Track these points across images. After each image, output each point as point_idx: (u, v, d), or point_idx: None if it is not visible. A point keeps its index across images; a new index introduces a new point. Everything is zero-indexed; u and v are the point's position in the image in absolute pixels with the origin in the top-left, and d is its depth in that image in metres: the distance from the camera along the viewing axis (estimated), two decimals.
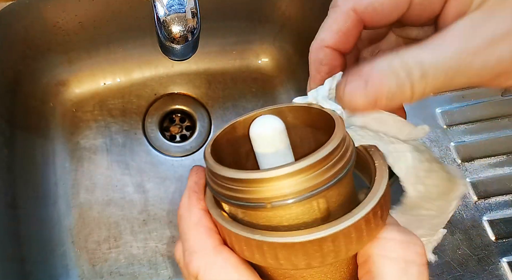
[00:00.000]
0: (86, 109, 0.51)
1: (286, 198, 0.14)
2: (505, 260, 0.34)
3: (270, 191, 0.14)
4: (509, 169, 0.36)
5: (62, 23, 0.46)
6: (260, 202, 0.14)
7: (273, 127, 0.17)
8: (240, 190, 0.15)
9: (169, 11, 0.29)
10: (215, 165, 0.16)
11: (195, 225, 0.17)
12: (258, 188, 0.14)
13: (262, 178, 0.14)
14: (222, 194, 0.16)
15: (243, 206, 0.15)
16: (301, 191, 0.14)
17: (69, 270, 0.45)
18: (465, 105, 0.39)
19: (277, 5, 0.49)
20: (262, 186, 0.14)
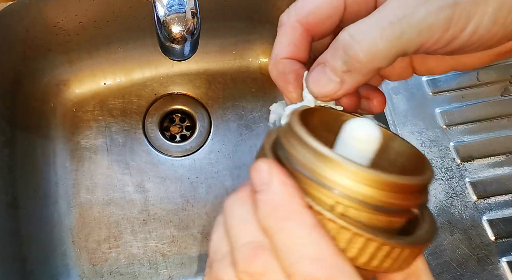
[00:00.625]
0: (86, 109, 0.52)
1: (402, 208, 0.15)
2: (504, 260, 0.34)
3: (408, 198, 0.15)
4: (509, 169, 0.37)
5: (62, 23, 0.46)
6: (403, 208, 0.15)
7: (377, 135, 0.16)
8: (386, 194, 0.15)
9: (169, 11, 0.30)
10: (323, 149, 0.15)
11: (313, 227, 0.14)
12: (401, 194, 0.15)
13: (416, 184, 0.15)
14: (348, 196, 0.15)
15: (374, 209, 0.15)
16: (417, 204, 0.16)
17: (69, 269, 0.45)
18: (465, 105, 0.39)
19: (277, 5, 0.49)
20: (406, 192, 0.15)
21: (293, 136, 0.16)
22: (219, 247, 0.16)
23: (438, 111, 0.38)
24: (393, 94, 0.38)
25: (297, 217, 0.14)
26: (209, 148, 0.51)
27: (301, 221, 0.14)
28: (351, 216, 0.15)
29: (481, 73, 0.40)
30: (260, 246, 0.15)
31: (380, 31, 0.15)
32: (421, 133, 0.37)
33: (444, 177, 0.36)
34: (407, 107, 0.38)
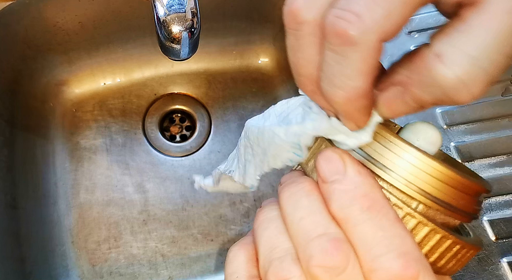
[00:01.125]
0: (86, 109, 0.51)
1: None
2: (505, 260, 0.34)
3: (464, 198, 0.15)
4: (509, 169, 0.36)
5: (62, 23, 0.46)
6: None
7: (439, 136, 0.16)
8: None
9: (169, 11, 0.29)
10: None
11: (396, 220, 0.14)
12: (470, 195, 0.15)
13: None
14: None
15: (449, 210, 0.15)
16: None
17: (69, 270, 0.45)
18: (465, 105, 0.39)
19: (277, 5, 0.49)
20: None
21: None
22: (277, 244, 0.15)
23: (439, 111, 0.38)
24: None
25: (381, 209, 0.14)
26: (209, 148, 0.51)
27: (385, 213, 0.13)
28: (425, 212, 0.15)
29: None
30: (338, 238, 0.13)
31: (496, 27, 0.12)
32: None
33: None
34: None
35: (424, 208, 0.15)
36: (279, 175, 0.50)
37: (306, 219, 0.14)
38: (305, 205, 0.14)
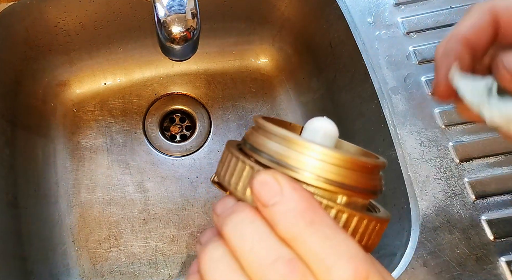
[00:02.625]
0: (87, 109, 0.52)
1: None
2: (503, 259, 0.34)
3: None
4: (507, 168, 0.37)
5: (63, 23, 0.46)
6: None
7: (335, 128, 0.17)
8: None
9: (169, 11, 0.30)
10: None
11: (335, 225, 0.15)
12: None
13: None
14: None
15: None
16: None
17: (69, 269, 0.46)
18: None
19: (277, 6, 0.49)
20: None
21: (267, 134, 0.16)
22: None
23: (437, 111, 0.39)
24: (392, 94, 0.39)
25: (321, 218, 0.14)
26: (209, 148, 0.51)
27: (325, 221, 0.14)
28: (347, 202, 0.16)
29: None
30: (292, 258, 0.14)
31: None
32: (420, 133, 0.38)
33: (443, 177, 0.36)
34: (406, 107, 0.38)
35: (347, 199, 0.16)
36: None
37: (256, 248, 0.14)
38: (252, 233, 0.14)
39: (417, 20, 0.41)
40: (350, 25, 0.41)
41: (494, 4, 0.18)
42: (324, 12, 0.45)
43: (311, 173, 0.15)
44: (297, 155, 0.15)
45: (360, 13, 0.42)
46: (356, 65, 0.41)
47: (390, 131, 0.37)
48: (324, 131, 0.17)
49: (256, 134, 0.17)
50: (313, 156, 0.15)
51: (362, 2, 0.42)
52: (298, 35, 0.51)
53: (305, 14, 0.49)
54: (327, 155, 0.15)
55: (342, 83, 0.45)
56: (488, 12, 0.18)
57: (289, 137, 0.16)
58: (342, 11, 0.42)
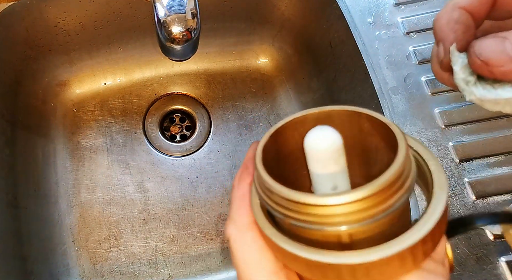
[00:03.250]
0: (87, 109, 0.52)
1: (348, 223, 0.14)
2: (503, 259, 0.34)
3: (331, 216, 0.14)
4: (508, 168, 0.37)
5: (63, 23, 0.46)
6: (318, 224, 0.14)
7: (333, 143, 0.15)
8: (297, 211, 0.14)
9: (169, 11, 0.30)
10: (269, 181, 0.15)
11: (240, 197, 0.18)
12: (318, 212, 0.14)
13: (326, 204, 0.14)
14: (276, 210, 0.15)
15: (297, 226, 0.15)
16: (363, 218, 0.14)
17: (69, 269, 0.46)
18: (464, 105, 0.39)
19: (277, 5, 0.49)
20: (323, 211, 0.14)
21: (264, 185, 0.16)
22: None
23: (437, 111, 0.39)
24: (392, 94, 0.39)
25: (235, 188, 0.18)
26: (209, 148, 0.51)
27: (235, 191, 0.18)
28: (293, 232, 0.15)
29: None
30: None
31: None
32: (420, 133, 0.38)
33: None
34: (406, 107, 0.38)
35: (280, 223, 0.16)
36: None
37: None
38: None
39: (417, 20, 0.41)
40: (350, 25, 0.41)
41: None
42: (324, 12, 0.45)
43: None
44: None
45: (360, 13, 0.42)
46: (356, 65, 0.41)
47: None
48: (319, 154, 0.15)
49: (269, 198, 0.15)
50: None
51: (362, 2, 0.42)
52: (298, 35, 0.51)
53: (305, 14, 0.49)
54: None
55: (342, 83, 0.45)
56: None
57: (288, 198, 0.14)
58: (342, 11, 0.42)
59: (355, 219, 0.14)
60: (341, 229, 0.14)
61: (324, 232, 0.14)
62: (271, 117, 0.53)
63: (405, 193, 0.14)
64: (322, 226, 0.14)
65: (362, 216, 0.14)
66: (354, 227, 0.14)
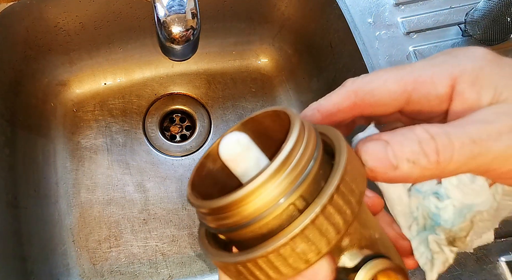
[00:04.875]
0: (87, 109, 0.52)
1: (264, 212, 0.14)
2: (503, 259, 0.34)
3: (248, 209, 0.14)
4: None
5: (63, 23, 0.46)
6: (243, 222, 0.14)
7: (236, 141, 0.16)
8: (220, 217, 0.15)
9: (169, 11, 0.30)
10: (195, 201, 0.15)
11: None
12: (236, 209, 0.14)
13: (234, 200, 0.14)
14: (211, 226, 0.15)
15: (228, 231, 0.15)
16: (275, 198, 0.14)
17: (69, 268, 0.46)
18: None
19: (277, 6, 0.49)
20: (240, 206, 0.14)
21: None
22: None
23: None
24: None
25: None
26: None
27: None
28: (241, 241, 0.15)
29: None
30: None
31: (460, 144, 0.14)
32: None
33: None
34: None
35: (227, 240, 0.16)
36: None
37: None
38: None
39: (417, 20, 0.41)
40: (350, 25, 0.41)
41: (358, 89, 0.18)
42: (324, 12, 0.45)
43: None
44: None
45: (360, 13, 0.42)
46: (356, 65, 0.41)
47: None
48: (230, 158, 0.16)
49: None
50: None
51: (362, 2, 0.42)
52: (298, 35, 0.51)
53: (305, 14, 0.49)
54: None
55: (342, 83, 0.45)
56: (350, 95, 0.19)
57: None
58: (342, 11, 0.42)
59: (264, 204, 0.14)
60: (260, 218, 0.14)
61: (250, 228, 0.14)
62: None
63: (307, 162, 0.14)
64: (244, 222, 0.14)
65: (268, 201, 0.14)
66: (266, 214, 0.14)
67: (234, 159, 0.16)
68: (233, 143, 0.16)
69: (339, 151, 0.15)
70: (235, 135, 0.16)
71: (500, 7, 0.36)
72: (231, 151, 0.16)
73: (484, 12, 0.38)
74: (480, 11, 0.38)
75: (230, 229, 0.15)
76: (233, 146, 0.16)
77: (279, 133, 0.17)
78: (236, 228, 0.14)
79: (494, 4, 0.36)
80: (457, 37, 0.41)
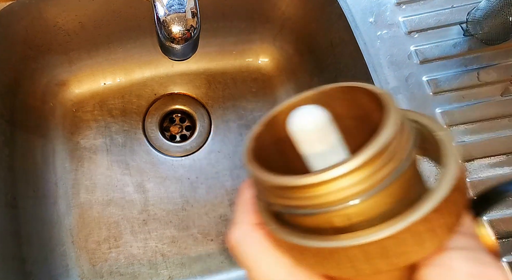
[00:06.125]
0: (86, 109, 0.52)
1: (347, 200, 0.13)
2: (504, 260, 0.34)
3: (329, 195, 0.13)
4: (509, 169, 0.36)
5: (62, 23, 0.46)
6: (319, 207, 0.13)
7: (315, 120, 0.14)
8: (296, 197, 0.13)
9: (169, 11, 0.29)
10: (260, 173, 0.14)
11: (244, 201, 0.16)
12: (314, 193, 0.13)
13: (317, 182, 0.12)
14: (276, 204, 0.14)
15: (300, 214, 0.13)
16: (363, 190, 0.13)
17: (69, 269, 0.45)
18: (465, 105, 0.39)
19: (277, 5, 0.49)
20: (319, 191, 0.13)
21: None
22: None
23: (438, 111, 0.38)
24: (394, 94, 0.38)
25: (240, 196, 0.17)
26: (209, 148, 0.51)
27: (240, 198, 0.17)
28: (302, 223, 0.14)
29: (482, 73, 0.40)
30: None
31: None
32: None
33: None
34: (408, 107, 0.38)
35: (287, 220, 0.15)
36: None
37: None
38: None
39: (419, 20, 0.41)
40: (351, 24, 0.41)
41: None
42: (325, 11, 0.45)
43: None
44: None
45: (361, 13, 0.41)
46: (357, 64, 0.41)
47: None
48: (303, 135, 0.14)
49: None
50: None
51: (363, 1, 0.42)
52: (299, 34, 0.51)
53: (306, 14, 0.48)
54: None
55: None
56: None
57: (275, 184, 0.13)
58: (343, 10, 0.41)
59: (353, 193, 0.13)
60: (336, 209, 0.13)
61: (324, 216, 0.13)
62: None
63: (399, 164, 0.13)
64: (320, 208, 0.13)
65: (356, 190, 0.13)
66: (352, 204, 0.13)
67: (307, 139, 0.14)
68: (311, 120, 0.14)
69: (445, 151, 0.13)
70: (314, 110, 0.14)
71: (502, 7, 0.36)
72: (307, 129, 0.14)
73: (486, 12, 0.38)
74: (481, 10, 0.38)
75: (308, 212, 0.13)
76: (310, 123, 0.14)
77: (352, 113, 0.16)
78: (315, 213, 0.13)
79: (496, 4, 0.36)
80: (459, 36, 0.40)
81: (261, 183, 0.14)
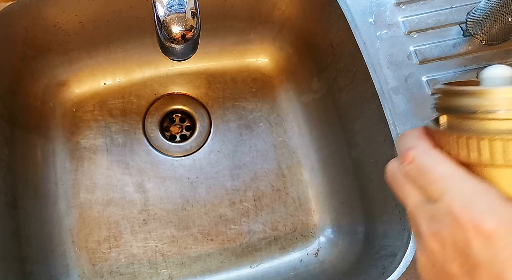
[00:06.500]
0: (86, 109, 0.52)
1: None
2: None
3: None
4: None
5: (62, 23, 0.46)
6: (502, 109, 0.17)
7: (505, 71, 0.19)
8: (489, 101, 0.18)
9: (169, 11, 0.30)
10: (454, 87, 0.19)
11: (416, 130, 0.20)
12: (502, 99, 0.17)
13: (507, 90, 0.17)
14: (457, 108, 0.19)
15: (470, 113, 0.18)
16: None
17: (69, 269, 0.45)
18: None
19: (277, 5, 0.49)
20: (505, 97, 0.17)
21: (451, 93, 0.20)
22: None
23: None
24: (393, 94, 0.38)
25: (409, 131, 0.21)
26: (209, 148, 0.51)
27: (410, 131, 0.22)
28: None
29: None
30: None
31: None
32: None
33: None
34: (407, 107, 0.38)
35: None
36: (279, 175, 0.50)
37: None
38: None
39: (418, 20, 0.41)
40: (351, 24, 0.41)
41: None
42: (325, 11, 0.45)
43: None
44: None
45: (361, 13, 0.41)
46: (357, 65, 0.41)
47: (391, 131, 0.37)
48: (501, 76, 0.19)
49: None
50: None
51: (363, 1, 0.42)
52: (299, 34, 0.51)
53: (306, 14, 0.48)
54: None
55: (343, 83, 0.45)
56: None
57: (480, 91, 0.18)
58: (343, 10, 0.42)
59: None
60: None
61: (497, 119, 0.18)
62: (272, 117, 0.52)
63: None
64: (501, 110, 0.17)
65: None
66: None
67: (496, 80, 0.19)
68: (502, 69, 0.19)
69: None
70: (503, 66, 0.19)
71: (501, 7, 0.36)
72: (496, 73, 0.19)
73: (485, 12, 0.38)
74: (481, 10, 0.38)
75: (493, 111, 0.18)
76: (501, 70, 0.19)
77: None
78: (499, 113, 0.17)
79: (496, 4, 0.36)
80: (458, 36, 0.40)
81: (462, 94, 0.19)
